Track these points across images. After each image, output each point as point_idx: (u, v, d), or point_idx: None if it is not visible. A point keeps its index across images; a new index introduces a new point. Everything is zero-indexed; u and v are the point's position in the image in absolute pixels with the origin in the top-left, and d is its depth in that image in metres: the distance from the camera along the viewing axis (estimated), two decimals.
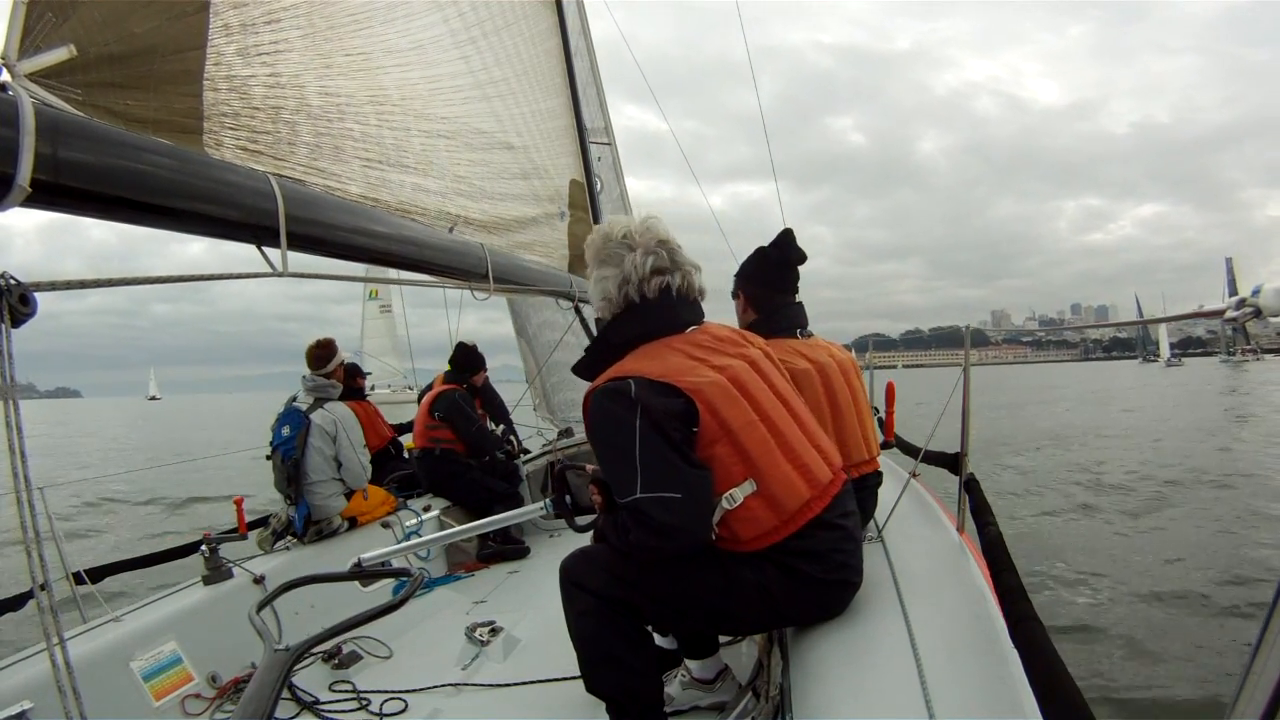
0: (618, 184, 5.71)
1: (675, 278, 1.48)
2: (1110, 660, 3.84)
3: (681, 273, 1.49)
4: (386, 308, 32.40)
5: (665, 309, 1.47)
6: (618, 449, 1.29)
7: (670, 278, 1.47)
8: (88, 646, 1.94)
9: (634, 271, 1.45)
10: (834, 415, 1.79)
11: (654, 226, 1.50)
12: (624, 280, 1.46)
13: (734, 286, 2.03)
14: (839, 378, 1.84)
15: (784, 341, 1.85)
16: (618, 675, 1.43)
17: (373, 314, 33.16)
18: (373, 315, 33.08)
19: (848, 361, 1.93)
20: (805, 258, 1.96)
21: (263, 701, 1.01)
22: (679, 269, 1.49)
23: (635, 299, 1.47)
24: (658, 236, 1.48)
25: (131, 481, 11.32)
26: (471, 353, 4.10)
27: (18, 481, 1.04)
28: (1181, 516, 7.05)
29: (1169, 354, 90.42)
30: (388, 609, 1.20)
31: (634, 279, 1.45)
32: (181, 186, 1.47)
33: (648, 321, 1.46)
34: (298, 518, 2.88)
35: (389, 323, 32.34)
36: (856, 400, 1.88)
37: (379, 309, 32.76)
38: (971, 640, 1.21)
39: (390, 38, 2.43)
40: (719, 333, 1.53)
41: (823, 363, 1.82)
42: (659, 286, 1.46)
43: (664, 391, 1.30)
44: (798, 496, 1.34)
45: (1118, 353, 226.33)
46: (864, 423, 1.90)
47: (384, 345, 32.47)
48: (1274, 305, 70.29)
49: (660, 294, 1.46)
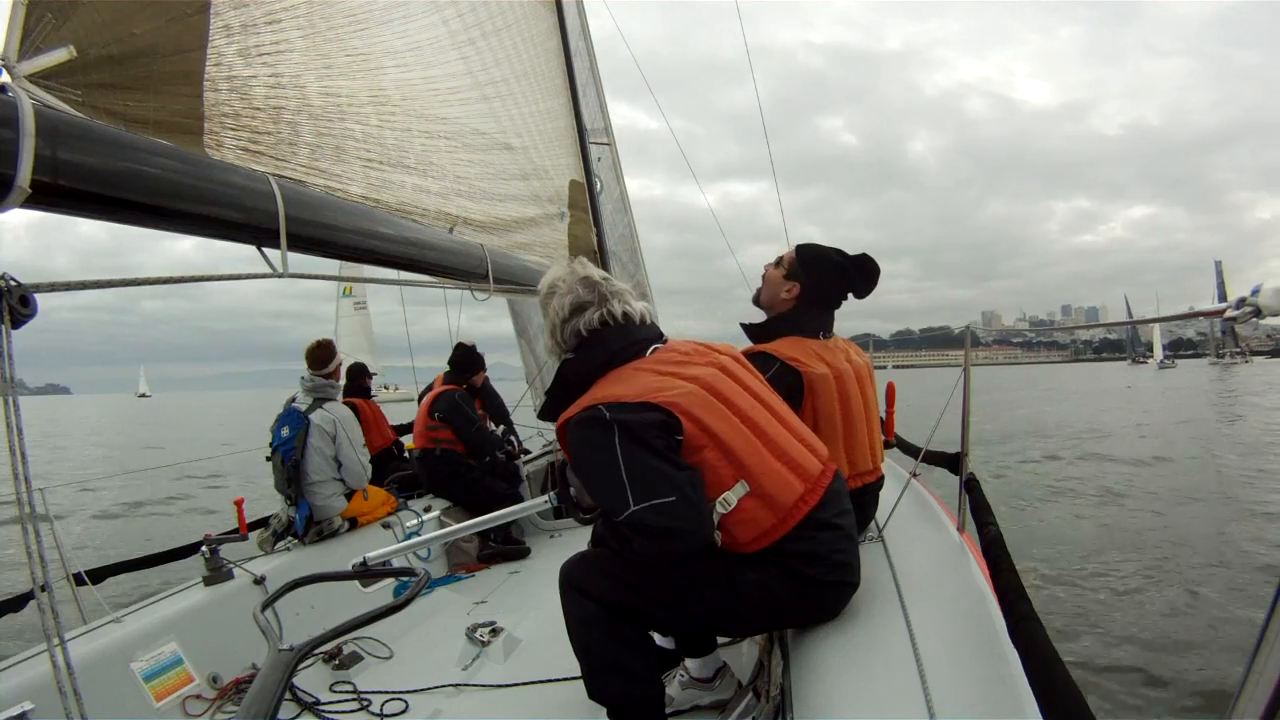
0: (618, 184, 5.71)
1: (614, 305, 1.52)
2: (1110, 660, 3.84)
3: (617, 300, 1.54)
4: (361, 305, 30.84)
5: (614, 336, 1.50)
6: (602, 471, 1.30)
7: (604, 309, 1.51)
8: (88, 647, 1.94)
9: (560, 312, 1.52)
10: (845, 424, 1.77)
11: (578, 270, 1.58)
12: (558, 323, 1.53)
13: (790, 265, 1.89)
14: (854, 385, 1.82)
15: (804, 341, 1.81)
16: (621, 682, 1.42)
17: (347, 312, 31.26)
18: (347, 313, 31.21)
19: (864, 367, 1.91)
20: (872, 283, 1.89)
21: (266, 701, 1.00)
22: (611, 298, 1.53)
23: (583, 333, 1.51)
24: (580, 276, 1.56)
25: (130, 482, 11.33)
26: (471, 353, 4.10)
27: (18, 483, 1.04)
28: (1188, 517, 7.05)
29: (1162, 355, 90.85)
30: (393, 609, 1.20)
31: (563, 316, 1.52)
32: (182, 188, 1.47)
33: (602, 352, 1.49)
34: (298, 518, 2.88)
35: (364, 321, 30.84)
36: (868, 409, 1.87)
37: (354, 306, 30.99)
38: (971, 640, 1.21)
39: (389, 38, 2.43)
40: (684, 348, 1.55)
41: (840, 369, 1.79)
42: (596, 320, 1.50)
43: (640, 409, 1.32)
44: (791, 491, 1.35)
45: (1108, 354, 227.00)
46: (872, 431, 1.88)
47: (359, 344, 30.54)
48: (1274, 305, 70.43)
49: (600, 326, 1.51)
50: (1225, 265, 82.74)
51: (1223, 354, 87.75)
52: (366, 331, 31.06)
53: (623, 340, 1.50)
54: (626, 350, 1.49)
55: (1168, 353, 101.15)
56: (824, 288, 1.88)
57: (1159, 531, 6.54)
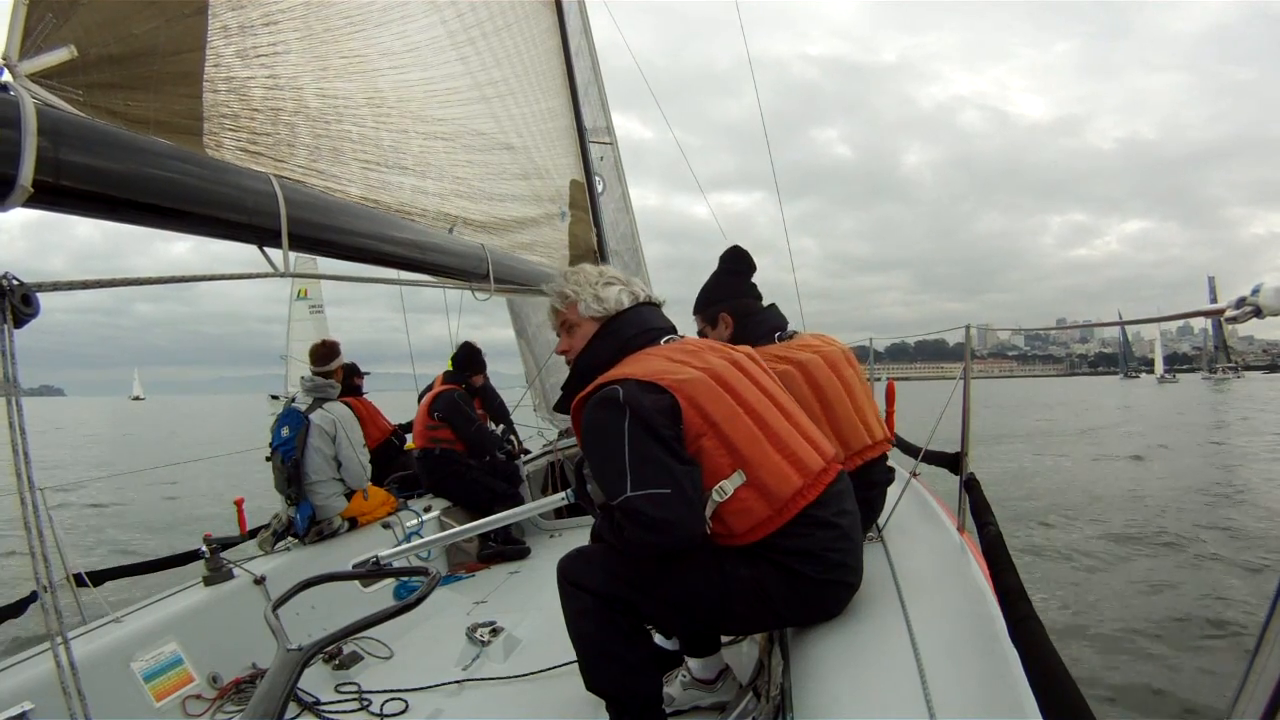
0: (619, 183, 5.71)
1: (635, 286, 1.62)
2: (1110, 660, 3.84)
3: (635, 284, 1.64)
4: (318, 308, 27.84)
5: (628, 325, 1.57)
6: (608, 453, 1.33)
7: (625, 289, 1.60)
8: (89, 647, 1.94)
9: (594, 279, 1.60)
10: (824, 408, 1.80)
11: (581, 267, 1.67)
12: (596, 285, 1.59)
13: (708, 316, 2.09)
14: (824, 371, 1.85)
15: (763, 349, 1.88)
16: (616, 672, 1.44)
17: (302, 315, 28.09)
18: (301, 316, 28.07)
19: (837, 353, 1.94)
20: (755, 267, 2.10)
21: (274, 701, 1.01)
22: (632, 282, 1.63)
23: (609, 305, 1.58)
24: (600, 268, 1.66)
25: (123, 488, 11.32)
26: (475, 354, 4.10)
27: (20, 483, 1.04)
28: (1188, 517, 7.06)
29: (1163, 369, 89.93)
30: (404, 608, 1.20)
31: (594, 280, 1.60)
32: (184, 187, 1.47)
33: (616, 340, 1.55)
34: (298, 518, 2.88)
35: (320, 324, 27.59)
36: (850, 388, 1.88)
37: (309, 309, 27.94)
38: (971, 640, 1.21)
39: (387, 39, 2.42)
40: (698, 342, 1.61)
41: (803, 360, 1.84)
42: (620, 297, 1.58)
43: (651, 390, 1.35)
44: (789, 484, 1.36)
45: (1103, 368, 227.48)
46: (861, 408, 1.89)
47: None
48: (1274, 304, 70.05)
49: (623, 311, 1.58)
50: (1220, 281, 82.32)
51: (1215, 369, 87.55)
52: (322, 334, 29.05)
53: (637, 328, 1.56)
54: (640, 338, 1.55)
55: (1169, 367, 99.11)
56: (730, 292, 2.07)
57: (1159, 532, 6.55)
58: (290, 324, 28.80)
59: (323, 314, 28.68)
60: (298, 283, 27.90)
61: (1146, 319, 1.16)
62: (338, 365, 3.28)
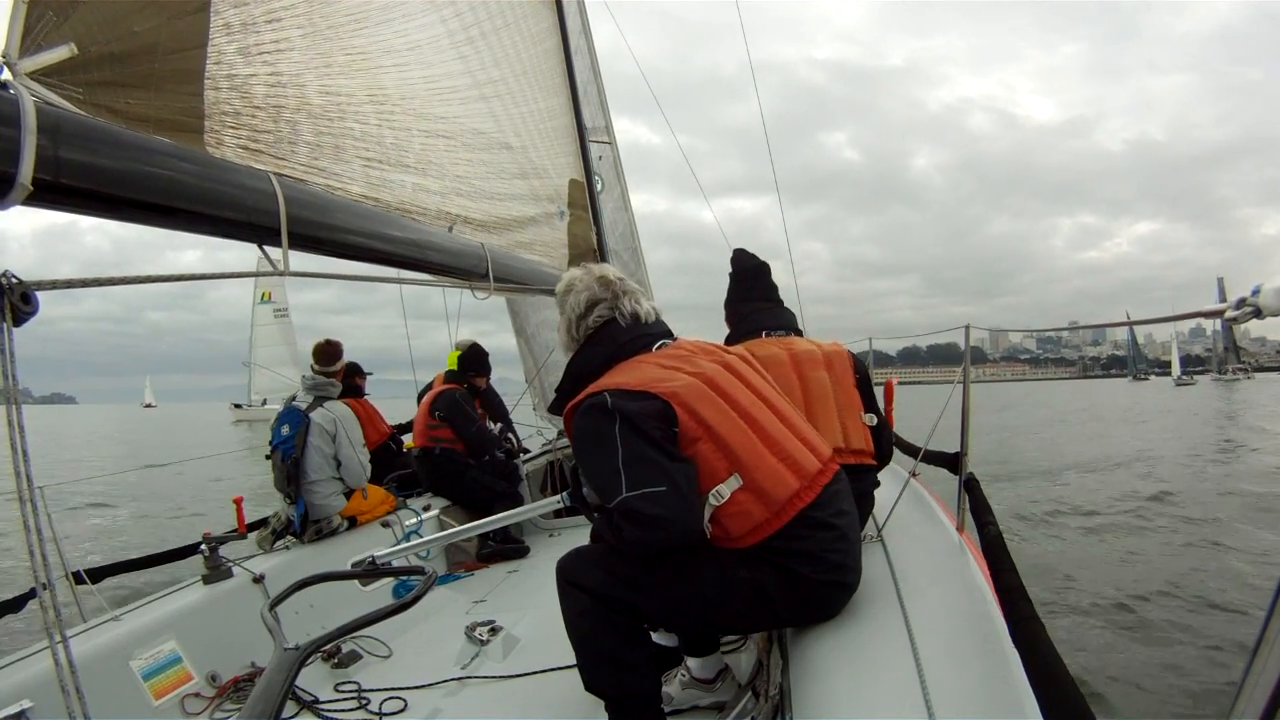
0: (619, 183, 5.70)
1: (625, 302, 1.59)
2: (1110, 660, 3.84)
3: (629, 298, 1.61)
4: (282, 312, 27.27)
5: (621, 331, 1.56)
6: (601, 458, 1.34)
7: (615, 305, 1.59)
8: (87, 645, 1.94)
9: (576, 308, 1.59)
10: (806, 402, 1.80)
11: (592, 269, 1.67)
12: (574, 319, 1.60)
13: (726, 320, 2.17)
14: (814, 367, 1.86)
15: (765, 342, 1.93)
16: (615, 673, 1.44)
17: (265, 319, 27.29)
18: (265, 320, 27.28)
19: (835, 354, 1.94)
20: (766, 266, 2.14)
21: (271, 700, 1.01)
22: (623, 296, 1.61)
23: (591, 329, 1.58)
24: (596, 275, 1.64)
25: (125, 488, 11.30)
26: (481, 356, 4.09)
27: (20, 481, 1.04)
28: (1188, 517, 7.05)
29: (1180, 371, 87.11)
30: (401, 607, 1.20)
31: (579, 312, 1.59)
32: (183, 185, 1.46)
33: (608, 346, 1.55)
34: (297, 517, 2.88)
35: (285, 329, 27.22)
36: (839, 388, 1.88)
37: (274, 313, 27.29)
38: (971, 640, 1.21)
39: (388, 37, 2.42)
40: (691, 345, 1.60)
41: (796, 351, 1.88)
42: (603, 317, 1.58)
43: (640, 397, 1.36)
44: (785, 487, 1.36)
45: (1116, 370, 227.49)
46: (844, 414, 1.87)
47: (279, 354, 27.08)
48: (1274, 305, 69.89)
49: (608, 322, 1.58)
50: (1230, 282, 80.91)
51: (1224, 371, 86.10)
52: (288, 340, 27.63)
53: (629, 335, 1.56)
54: (632, 344, 1.55)
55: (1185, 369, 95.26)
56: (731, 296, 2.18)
57: (1160, 531, 6.54)
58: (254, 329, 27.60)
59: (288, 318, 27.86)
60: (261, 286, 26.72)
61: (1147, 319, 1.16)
62: (341, 366, 3.28)
